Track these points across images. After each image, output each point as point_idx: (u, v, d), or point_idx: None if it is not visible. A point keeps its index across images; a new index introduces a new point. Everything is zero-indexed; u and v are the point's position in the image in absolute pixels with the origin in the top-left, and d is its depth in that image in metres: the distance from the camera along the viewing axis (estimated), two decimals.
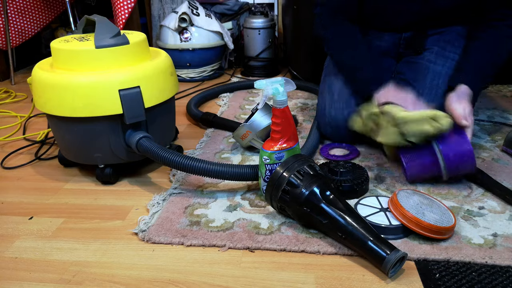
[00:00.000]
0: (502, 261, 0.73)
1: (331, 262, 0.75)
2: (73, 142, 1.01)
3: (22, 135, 1.36)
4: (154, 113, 1.02)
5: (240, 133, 1.14)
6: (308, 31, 1.72)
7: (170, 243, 0.81)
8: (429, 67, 1.12)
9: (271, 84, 0.84)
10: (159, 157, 0.92)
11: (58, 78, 0.95)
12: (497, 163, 1.07)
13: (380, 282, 0.70)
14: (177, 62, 1.84)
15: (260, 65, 1.96)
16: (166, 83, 1.03)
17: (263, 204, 0.92)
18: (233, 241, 0.80)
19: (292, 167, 0.82)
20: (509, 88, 1.65)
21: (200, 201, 0.94)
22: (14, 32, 1.99)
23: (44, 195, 1.01)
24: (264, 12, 1.92)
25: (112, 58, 0.96)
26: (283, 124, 0.86)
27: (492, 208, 0.88)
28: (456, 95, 0.98)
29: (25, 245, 0.83)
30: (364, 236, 0.73)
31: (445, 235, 0.78)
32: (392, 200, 0.82)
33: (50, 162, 1.18)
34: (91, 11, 2.21)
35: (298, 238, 0.80)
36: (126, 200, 0.97)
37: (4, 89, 1.84)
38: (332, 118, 1.17)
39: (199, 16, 1.90)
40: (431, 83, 1.10)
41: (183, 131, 1.36)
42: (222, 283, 0.71)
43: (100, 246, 0.82)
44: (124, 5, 1.71)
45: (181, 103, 1.58)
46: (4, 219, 0.92)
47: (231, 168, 0.91)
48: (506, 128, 1.28)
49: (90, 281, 0.73)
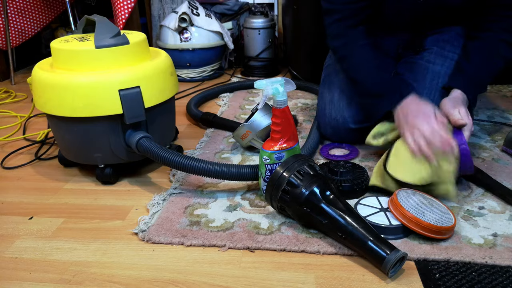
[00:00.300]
0: (502, 261, 0.73)
1: (331, 262, 0.75)
2: (73, 142, 1.01)
3: (22, 135, 1.36)
4: (154, 113, 1.02)
5: (240, 133, 1.14)
6: (308, 31, 1.72)
7: (170, 243, 0.81)
8: (428, 67, 1.12)
9: (271, 84, 0.84)
10: (159, 157, 0.92)
11: (58, 78, 0.95)
12: (497, 163, 1.07)
13: (380, 282, 0.70)
14: (177, 62, 1.84)
15: (260, 65, 1.96)
16: (166, 83, 1.03)
17: (263, 204, 0.92)
18: (233, 241, 0.80)
19: (292, 167, 0.82)
20: (509, 88, 1.65)
21: (200, 201, 0.94)
22: (14, 32, 1.99)
23: (44, 195, 1.01)
24: (264, 12, 1.92)
25: (112, 58, 0.96)
26: (283, 124, 0.86)
27: (492, 208, 0.88)
28: (450, 101, 0.97)
29: (25, 245, 0.83)
30: (364, 236, 0.73)
31: (445, 235, 0.78)
32: (392, 200, 0.82)
33: (50, 162, 1.18)
34: (91, 11, 2.21)
35: (298, 238, 0.80)
36: (126, 200, 0.97)
37: (4, 89, 1.84)
38: (332, 118, 1.17)
39: (199, 16, 1.90)
40: (431, 83, 1.10)
41: (183, 131, 1.36)
42: (222, 283, 0.71)
43: (100, 246, 0.82)
44: (124, 5, 1.71)
45: (181, 103, 1.58)
46: (4, 219, 0.92)
47: (231, 168, 0.91)
48: (506, 128, 1.28)
49: (90, 281, 0.73)
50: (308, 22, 1.70)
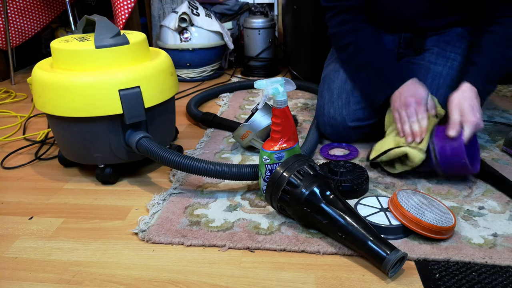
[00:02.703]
0: (502, 261, 0.73)
1: (331, 262, 0.75)
2: (73, 142, 1.01)
3: (22, 135, 1.36)
4: (154, 113, 1.02)
5: (240, 133, 1.14)
6: (308, 31, 1.72)
7: (170, 243, 0.81)
8: (429, 67, 1.12)
9: (271, 84, 0.84)
10: (159, 157, 0.92)
11: (58, 78, 0.95)
12: (497, 163, 1.07)
13: (380, 282, 0.70)
14: (177, 62, 1.84)
15: (260, 65, 1.96)
16: (166, 83, 1.03)
17: (263, 204, 0.92)
18: (233, 241, 0.80)
19: (292, 167, 0.82)
20: (509, 88, 1.65)
21: (200, 201, 0.94)
22: (14, 32, 1.99)
23: (44, 195, 1.01)
24: (264, 12, 1.92)
25: (112, 58, 0.96)
26: (283, 124, 0.86)
27: (492, 208, 0.88)
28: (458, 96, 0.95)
29: (25, 245, 0.83)
30: (364, 236, 0.73)
31: (445, 235, 0.78)
32: (392, 200, 0.82)
33: (50, 162, 1.18)
34: (91, 11, 2.21)
35: (298, 238, 0.80)
36: (126, 200, 0.97)
37: (4, 89, 1.84)
38: (331, 117, 1.17)
39: (199, 16, 1.90)
40: (432, 83, 1.10)
41: (183, 131, 1.36)
42: (222, 283, 0.71)
43: (100, 246, 0.82)
44: (124, 5, 1.71)
45: (181, 103, 1.58)
46: (4, 219, 0.92)
47: (231, 168, 0.91)
48: (506, 128, 1.28)
49: (90, 281, 0.73)
50: (308, 22, 1.70)
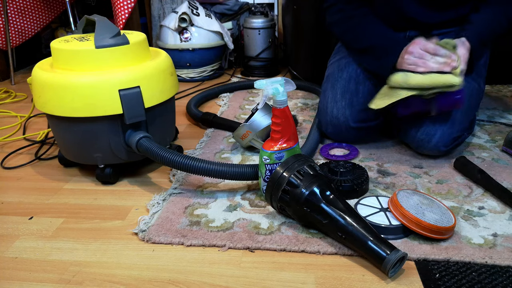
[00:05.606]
0: (502, 261, 0.73)
1: (331, 262, 0.75)
2: (73, 142, 1.01)
3: (22, 135, 1.36)
4: (154, 113, 1.02)
5: (240, 133, 1.14)
6: (308, 31, 1.72)
7: (170, 243, 0.81)
8: None
9: (271, 84, 0.84)
10: (159, 157, 0.92)
11: (58, 78, 0.95)
12: (497, 163, 1.07)
13: (380, 282, 0.70)
14: (177, 62, 1.84)
15: (260, 65, 1.96)
16: (166, 83, 1.03)
17: (263, 204, 0.92)
18: (233, 241, 0.80)
19: (292, 167, 0.82)
20: (509, 88, 1.65)
21: (200, 201, 0.94)
22: (14, 32, 2.00)
23: (44, 195, 1.01)
24: (264, 12, 1.92)
25: (112, 58, 0.96)
26: (283, 124, 0.86)
27: (492, 208, 0.88)
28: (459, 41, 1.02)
29: (25, 245, 0.83)
30: (364, 236, 0.73)
31: (445, 235, 0.78)
32: (392, 200, 0.82)
33: (50, 162, 1.18)
34: (91, 11, 2.21)
35: (298, 238, 0.80)
36: (126, 200, 0.97)
37: (4, 89, 1.84)
38: (334, 117, 1.16)
39: (199, 16, 1.90)
40: None
41: (183, 131, 1.36)
42: (222, 283, 0.71)
43: (100, 246, 0.82)
44: (124, 5, 1.71)
45: (181, 103, 1.58)
46: (4, 219, 0.92)
47: (231, 168, 0.91)
48: (506, 128, 1.28)
49: (90, 281, 0.73)
50: (308, 22, 1.70)
